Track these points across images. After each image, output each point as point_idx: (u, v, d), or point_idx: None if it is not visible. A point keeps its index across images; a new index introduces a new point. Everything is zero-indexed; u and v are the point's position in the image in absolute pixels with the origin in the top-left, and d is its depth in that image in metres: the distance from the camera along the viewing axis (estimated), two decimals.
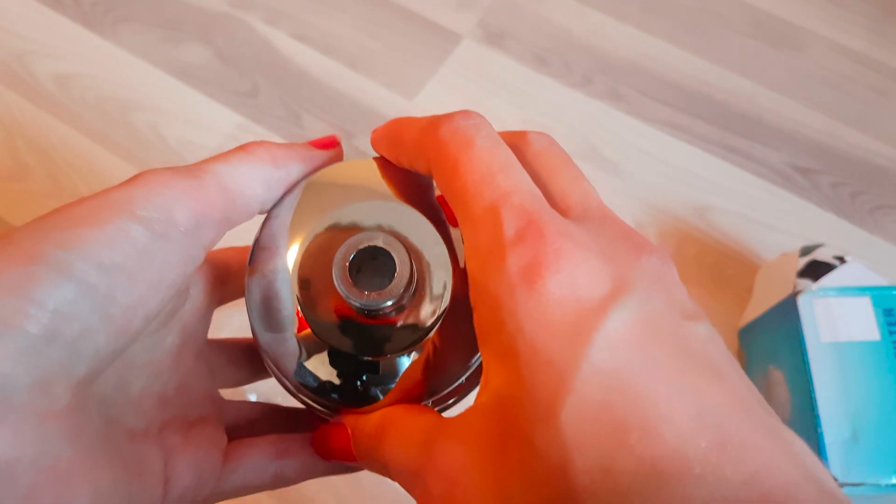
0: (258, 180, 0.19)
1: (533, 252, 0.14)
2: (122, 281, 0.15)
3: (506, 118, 0.53)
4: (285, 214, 0.20)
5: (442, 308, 0.19)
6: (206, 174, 0.18)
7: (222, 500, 0.20)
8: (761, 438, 0.13)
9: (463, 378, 0.19)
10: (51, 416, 0.14)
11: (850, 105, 0.55)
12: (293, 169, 0.20)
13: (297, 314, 0.19)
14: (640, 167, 0.51)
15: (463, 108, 0.18)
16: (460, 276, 0.19)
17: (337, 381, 0.19)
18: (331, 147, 0.21)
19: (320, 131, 0.52)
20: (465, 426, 0.15)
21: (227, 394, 0.23)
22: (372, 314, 0.19)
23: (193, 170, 0.18)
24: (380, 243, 0.19)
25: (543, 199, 0.16)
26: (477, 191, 0.16)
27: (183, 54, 0.55)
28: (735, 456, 0.12)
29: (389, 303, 0.18)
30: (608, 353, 0.13)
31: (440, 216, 0.20)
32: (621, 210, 0.49)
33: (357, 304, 0.18)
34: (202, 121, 0.52)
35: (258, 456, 0.21)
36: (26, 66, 0.54)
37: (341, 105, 0.53)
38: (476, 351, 0.19)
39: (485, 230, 0.15)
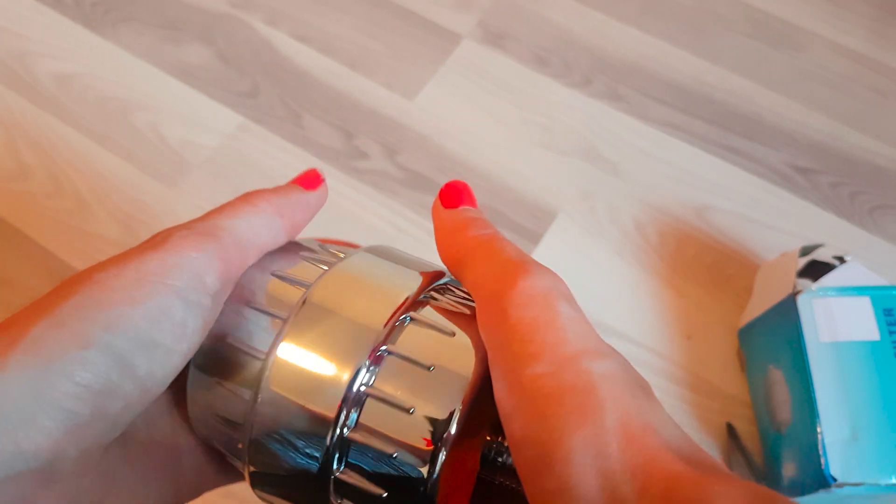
0: (266, 231, 0.20)
1: None
2: (162, 357, 0.17)
3: (506, 118, 0.53)
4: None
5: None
6: (224, 232, 0.18)
7: (220, 486, 0.22)
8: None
9: None
10: (87, 472, 0.16)
11: (850, 105, 0.55)
12: (295, 217, 0.21)
13: None
14: (639, 167, 0.51)
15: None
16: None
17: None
18: (317, 184, 0.22)
19: (320, 131, 0.52)
20: None
21: None
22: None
23: (211, 228, 0.18)
24: None
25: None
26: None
27: (183, 54, 0.55)
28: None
29: None
30: None
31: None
32: (621, 210, 0.49)
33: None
34: (203, 121, 0.52)
35: None
36: (27, 66, 0.54)
37: (341, 105, 0.53)
38: None
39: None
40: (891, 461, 0.34)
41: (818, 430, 0.35)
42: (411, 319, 0.18)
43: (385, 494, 0.17)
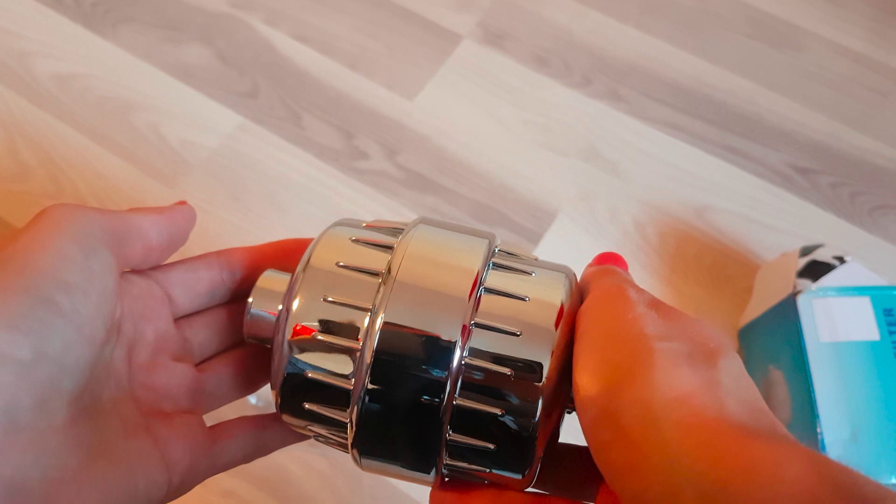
0: (148, 220, 0.22)
1: None
2: (79, 295, 0.17)
3: (506, 118, 0.53)
4: None
5: None
6: (108, 211, 0.21)
7: (217, 473, 0.22)
8: None
9: None
10: (52, 431, 0.16)
11: (850, 105, 0.55)
12: (177, 221, 0.23)
13: None
14: (639, 167, 0.51)
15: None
16: None
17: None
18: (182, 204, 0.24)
19: (320, 131, 0.52)
20: None
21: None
22: None
23: (97, 208, 0.21)
24: None
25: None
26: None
27: (183, 55, 0.55)
28: None
29: None
30: None
31: None
32: (621, 210, 0.49)
33: None
34: (202, 121, 0.52)
35: (244, 431, 0.23)
36: (27, 67, 0.54)
37: (341, 105, 0.53)
38: None
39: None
40: (891, 461, 0.34)
41: (818, 430, 0.35)
42: (494, 266, 0.20)
43: (500, 413, 0.18)
